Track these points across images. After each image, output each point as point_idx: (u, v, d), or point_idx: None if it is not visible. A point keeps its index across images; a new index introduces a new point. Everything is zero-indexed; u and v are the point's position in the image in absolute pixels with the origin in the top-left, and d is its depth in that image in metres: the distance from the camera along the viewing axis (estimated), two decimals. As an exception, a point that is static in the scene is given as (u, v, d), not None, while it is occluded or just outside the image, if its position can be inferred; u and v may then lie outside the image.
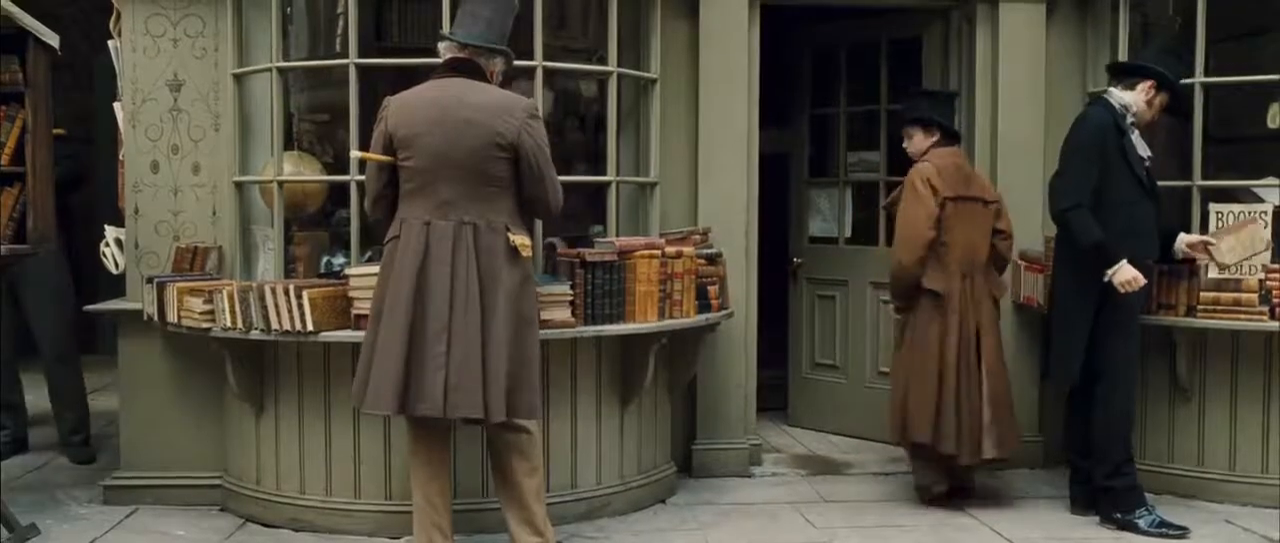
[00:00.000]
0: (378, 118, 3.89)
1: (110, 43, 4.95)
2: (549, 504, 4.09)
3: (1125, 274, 4.41)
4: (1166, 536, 4.41)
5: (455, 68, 3.87)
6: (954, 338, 4.73)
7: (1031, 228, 5.34)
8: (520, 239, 3.83)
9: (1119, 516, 4.50)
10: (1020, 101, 5.39)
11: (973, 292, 4.79)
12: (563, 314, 4.34)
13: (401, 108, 3.84)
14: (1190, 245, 4.66)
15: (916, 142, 4.96)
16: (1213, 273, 4.68)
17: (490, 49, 3.90)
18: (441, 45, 3.97)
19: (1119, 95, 4.57)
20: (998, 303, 4.94)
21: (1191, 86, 4.86)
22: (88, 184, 5.84)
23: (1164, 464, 4.77)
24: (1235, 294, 4.67)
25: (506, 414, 3.77)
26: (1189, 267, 4.75)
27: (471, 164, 3.77)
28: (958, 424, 4.71)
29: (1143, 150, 4.57)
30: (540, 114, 3.95)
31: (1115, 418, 4.53)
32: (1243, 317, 4.67)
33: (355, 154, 4.20)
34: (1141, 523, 4.45)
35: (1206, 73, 4.94)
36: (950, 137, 4.98)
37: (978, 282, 4.81)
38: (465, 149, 3.76)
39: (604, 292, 4.42)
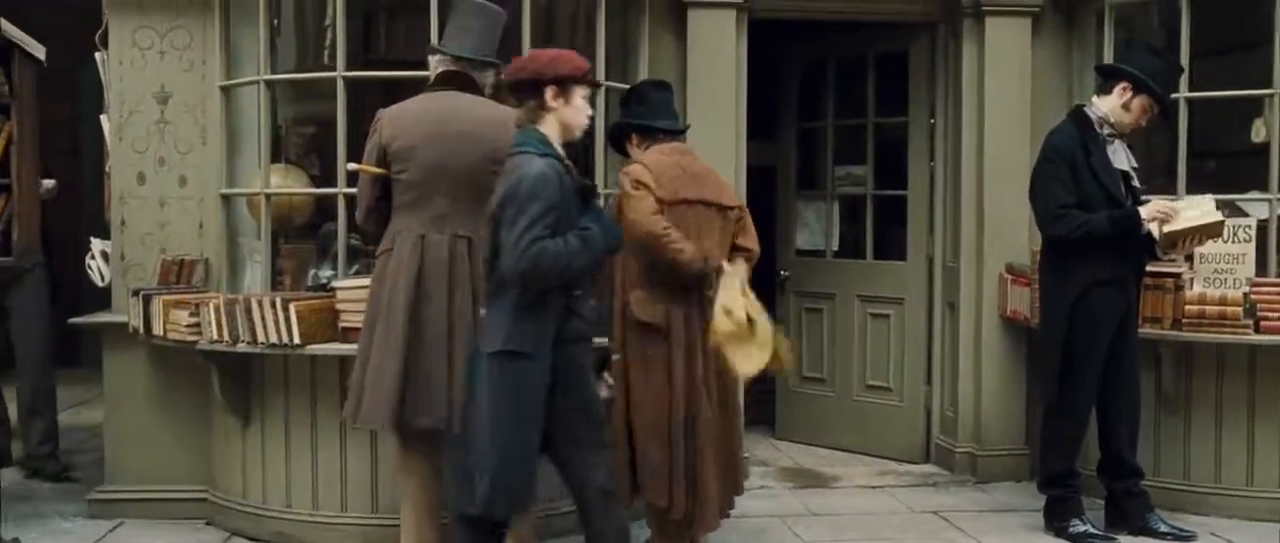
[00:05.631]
0: (371, 130, 3.88)
1: (97, 55, 4.94)
2: (537, 517, 4.07)
3: (1151, 211, 4.40)
4: None
5: (448, 81, 3.87)
6: (683, 382, 3.94)
7: (1017, 241, 5.36)
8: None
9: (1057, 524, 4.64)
10: (1006, 115, 5.41)
11: (704, 320, 3.96)
12: (551, 327, 4.33)
13: (396, 120, 3.83)
14: (1150, 216, 4.42)
15: (633, 151, 4.25)
16: (1160, 240, 4.45)
17: (482, 62, 3.90)
18: (432, 58, 3.97)
19: (1097, 104, 4.55)
20: None
21: (1176, 100, 4.89)
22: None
23: (1150, 477, 4.77)
24: (1221, 308, 4.68)
25: None
26: (1174, 281, 4.77)
27: (468, 178, 3.76)
28: (688, 487, 3.96)
29: (1121, 162, 4.51)
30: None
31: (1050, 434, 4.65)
32: (1228, 330, 4.68)
33: (350, 166, 4.18)
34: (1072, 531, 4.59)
35: (1191, 87, 4.96)
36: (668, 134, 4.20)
37: (708, 311, 3.97)
38: (461, 163, 3.75)
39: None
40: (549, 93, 3.44)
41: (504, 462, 3.35)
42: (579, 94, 3.49)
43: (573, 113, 3.49)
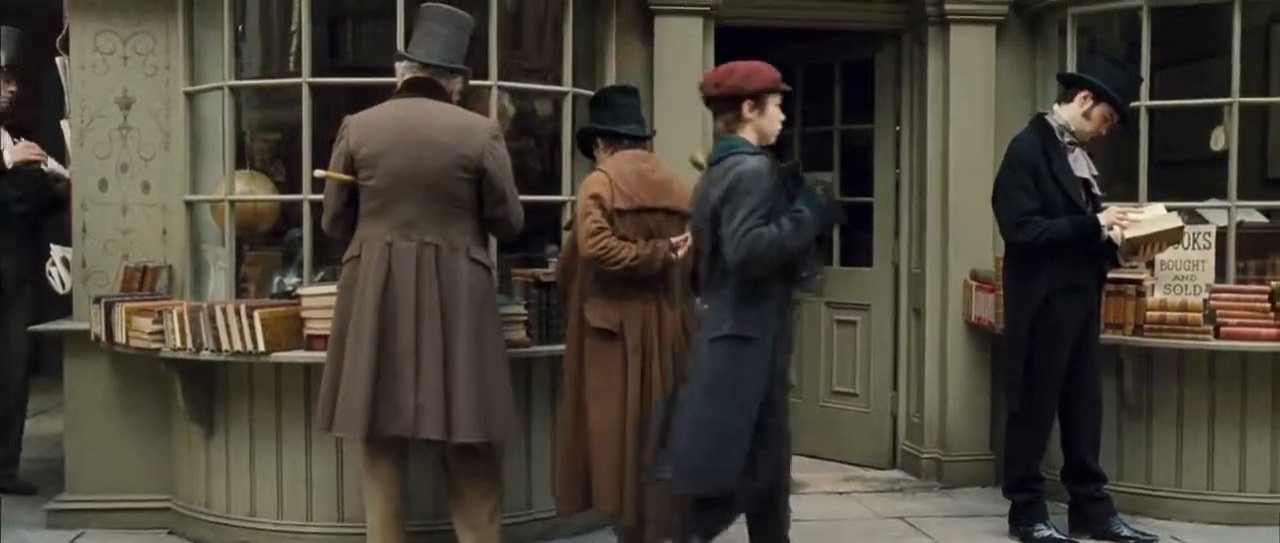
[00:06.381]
0: (338, 136, 3.86)
1: (58, 60, 4.89)
2: (504, 526, 4.06)
3: (1109, 216, 4.44)
4: None
5: (416, 87, 3.86)
6: (636, 387, 3.94)
7: (982, 247, 5.40)
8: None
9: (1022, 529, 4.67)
10: (971, 122, 5.45)
11: (660, 326, 4.00)
12: (517, 334, 4.33)
13: (363, 127, 3.82)
14: (1109, 221, 4.46)
15: (599, 156, 4.22)
16: (1121, 247, 4.47)
17: (450, 68, 3.89)
18: (399, 65, 3.95)
19: (1058, 112, 4.59)
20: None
21: (1136, 109, 4.94)
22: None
23: (1111, 482, 4.82)
24: (1181, 314, 4.74)
25: (474, 435, 3.74)
26: (1136, 287, 4.82)
27: (435, 185, 3.75)
28: (638, 491, 3.92)
29: (1082, 170, 4.56)
30: (501, 135, 3.95)
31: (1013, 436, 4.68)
32: (1188, 336, 4.74)
33: (316, 173, 4.15)
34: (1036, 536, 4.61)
35: (1151, 96, 5.02)
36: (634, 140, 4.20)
37: (666, 315, 4.02)
38: (429, 170, 3.74)
39: (558, 312, 4.41)
40: (746, 106, 3.68)
41: (712, 443, 3.54)
42: (773, 103, 3.71)
43: (768, 121, 3.72)
